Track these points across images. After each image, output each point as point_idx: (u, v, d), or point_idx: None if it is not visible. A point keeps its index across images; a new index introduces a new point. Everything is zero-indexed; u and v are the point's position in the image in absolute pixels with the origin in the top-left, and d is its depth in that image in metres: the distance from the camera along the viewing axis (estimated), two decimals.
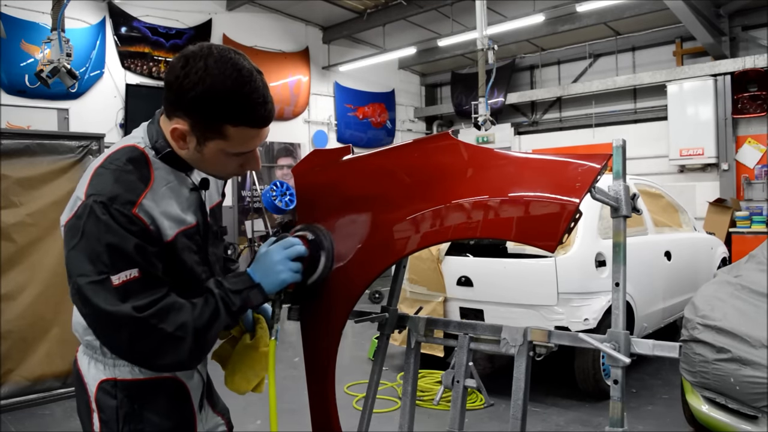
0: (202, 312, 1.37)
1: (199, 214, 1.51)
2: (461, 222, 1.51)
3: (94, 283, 1.27)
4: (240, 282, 1.45)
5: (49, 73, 5.58)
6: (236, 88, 1.29)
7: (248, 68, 1.32)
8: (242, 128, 1.34)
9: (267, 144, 11.23)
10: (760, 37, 9.91)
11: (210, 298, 1.40)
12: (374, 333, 4.16)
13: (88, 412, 1.46)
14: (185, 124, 1.34)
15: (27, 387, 4.75)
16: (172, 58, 1.38)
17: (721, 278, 3.97)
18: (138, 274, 1.29)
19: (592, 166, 1.41)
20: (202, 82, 1.28)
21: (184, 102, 1.31)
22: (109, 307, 1.26)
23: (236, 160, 1.43)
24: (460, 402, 1.73)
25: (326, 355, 1.73)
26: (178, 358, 1.34)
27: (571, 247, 4.48)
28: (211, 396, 1.71)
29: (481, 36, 8.92)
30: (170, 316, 1.31)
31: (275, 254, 1.49)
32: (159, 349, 1.32)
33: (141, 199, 1.33)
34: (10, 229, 4.73)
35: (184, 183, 1.48)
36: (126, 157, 1.39)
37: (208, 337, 1.38)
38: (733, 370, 3.15)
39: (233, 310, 1.41)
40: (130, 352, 1.33)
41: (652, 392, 4.79)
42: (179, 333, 1.31)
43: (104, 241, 1.28)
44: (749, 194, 9.97)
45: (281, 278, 1.48)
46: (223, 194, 1.75)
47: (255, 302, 1.46)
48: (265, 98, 1.34)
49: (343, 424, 1.77)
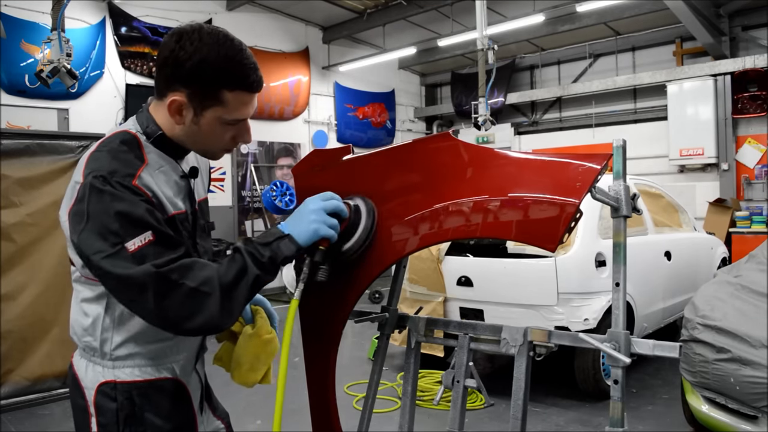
0: (229, 267, 1.33)
1: (188, 203, 1.52)
2: (461, 222, 1.52)
3: (110, 256, 1.27)
4: (269, 234, 1.41)
5: (49, 73, 5.58)
6: (231, 54, 1.37)
7: (237, 40, 1.41)
8: (238, 92, 1.40)
9: (267, 144, 11.23)
10: (760, 37, 9.91)
11: (237, 255, 1.36)
12: (374, 333, 4.16)
13: (85, 417, 1.44)
14: (183, 96, 1.38)
15: (27, 387, 4.75)
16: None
17: (721, 278, 3.97)
18: (152, 237, 1.29)
19: (592, 166, 1.41)
20: (198, 51, 1.35)
21: (182, 73, 1.36)
22: (128, 272, 1.25)
23: (230, 130, 1.46)
24: (460, 402, 1.73)
25: (326, 355, 1.73)
26: (209, 315, 1.29)
27: (571, 247, 4.48)
28: (211, 399, 1.71)
29: (481, 36, 8.92)
30: (193, 272, 1.29)
31: (311, 203, 1.46)
32: (186, 306, 1.28)
33: (139, 173, 1.36)
34: (10, 229, 4.73)
35: (175, 170, 1.49)
36: (119, 140, 1.42)
37: (237, 293, 1.33)
38: (733, 370, 3.15)
39: (262, 261, 1.36)
40: (159, 314, 1.28)
41: (652, 392, 4.79)
42: (205, 288, 1.28)
43: (112, 210, 1.28)
44: (749, 194, 9.97)
45: (313, 228, 1.42)
46: (207, 190, 1.74)
47: (286, 252, 1.39)
48: (255, 65, 1.42)
49: (343, 424, 1.77)
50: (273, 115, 11.26)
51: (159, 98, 1.44)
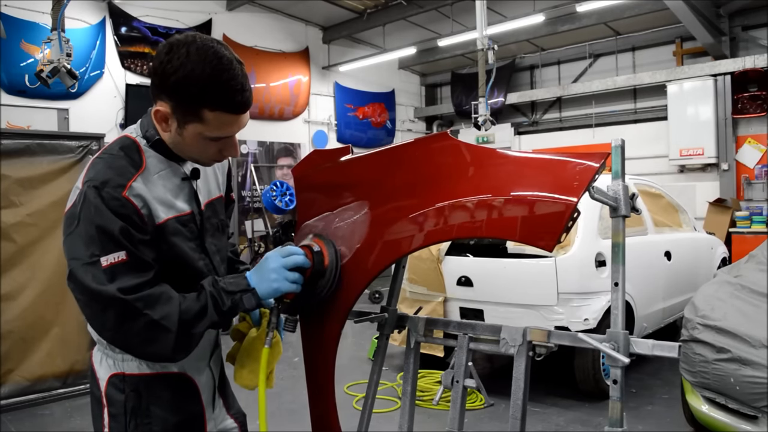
0: (190, 306, 1.38)
1: (194, 203, 1.54)
2: (459, 221, 1.51)
3: (86, 265, 1.32)
4: (235, 284, 1.46)
5: (49, 73, 5.57)
6: (215, 74, 1.35)
7: (228, 57, 1.38)
8: (219, 113, 1.39)
9: (267, 144, 11.23)
10: (760, 37, 9.91)
11: (201, 295, 1.42)
12: (374, 333, 4.17)
13: (100, 408, 1.49)
14: (167, 107, 1.40)
15: (27, 387, 4.75)
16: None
17: (721, 278, 3.97)
18: (125, 257, 1.33)
19: (590, 164, 1.40)
20: (184, 67, 1.34)
21: (167, 85, 1.37)
22: (96, 286, 1.31)
23: (215, 145, 1.47)
24: (459, 402, 1.73)
25: (326, 355, 1.73)
26: (163, 347, 1.35)
27: (571, 247, 4.48)
28: (227, 397, 1.72)
29: (481, 36, 8.91)
30: (157, 305, 1.34)
31: (272, 261, 1.49)
32: (144, 335, 1.34)
33: (131, 182, 1.39)
34: (10, 229, 4.73)
35: (176, 172, 1.52)
36: (119, 146, 1.47)
37: (193, 332, 1.39)
38: (733, 370, 3.15)
39: (223, 309, 1.42)
40: (117, 335, 1.35)
41: (652, 392, 4.79)
42: (164, 322, 1.34)
43: (95, 223, 1.33)
44: (749, 194, 9.97)
45: (274, 287, 1.47)
46: (229, 190, 1.76)
47: (247, 306, 1.45)
48: (243, 86, 1.39)
49: (343, 424, 1.77)
50: (273, 115, 11.26)
51: (153, 102, 1.47)
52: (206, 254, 1.56)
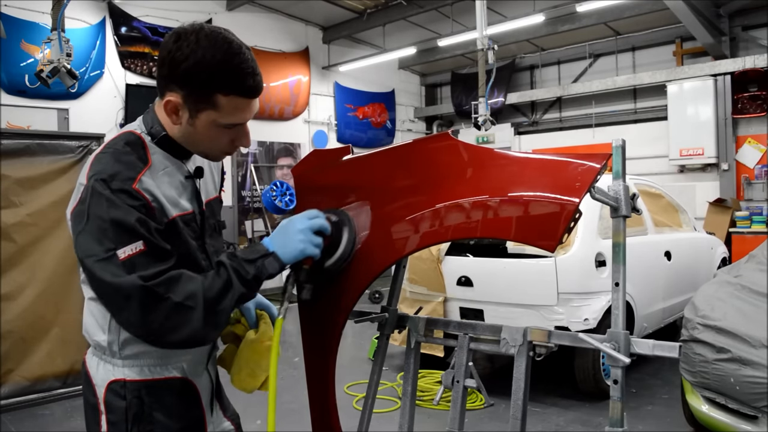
0: (213, 282, 1.35)
1: (195, 203, 1.52)
2: (460, 222, 1.51)
3: (101, 261, 1.28)
4: (254, 251, 1.42)
5: (49, 73, 5.57)
6: (227, 58, 1.34)
7: (237, 42, 1.38)
8: (233, 97, 1.37)
9: (267, 144, 11.23)
10: (760, 37, 9.91)
11: (222, 270, 1.37)
12: (374, 333, 4.16)
13: (96, 415, 1.45)
14: (178, 97, 1.38)
15: (27, 387, 4.75)
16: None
17: (721, 278, 3.97)
18: (143, 246, 1.29)
19: (591, 165, 1.40)
20: (194, 53, 1.33)
21: (177, 74, 1.35)
22: (116, 280, 1.27)
23: (227, 134, 1.45)
24: (460, 402, 1.73)
25: (326, 355, 1.73)
26: (191, 330, 1.31)
27: (571, 247, 4.48)
28: (222, 399, 1.70)
29: (481, 36, 8.92)
30: (178, 286, 1.30)
31: (298, 223, 1.46)
32: (170, 320, 1.29)
33: (140, 176, 1.36)
34: (10, 229, 4.73)
35: (180, 170, 1.49)
36: (124, 141, 1.43)
37: (220, 308, 1.35)
38: (733, 370, 3.15)
39: (247, 278, 1.38)
40: (143, 326, 1.30)
41: (652, 392, 4.79)
42: (189, 302, 1.30)
43: (108, 217, 1.29)
44: (749, 194, 9.97)
45: (300, 248, 1.43)
46: (220, 191, 1.74)
47: (270, 270, 1.41)
48: (254, 70, 1.39)
49: (343, 424, 1.77)
50: (273, 115, 11.26)
51: (160, 97, 1.44)
52: (206, 254, 1.54)
